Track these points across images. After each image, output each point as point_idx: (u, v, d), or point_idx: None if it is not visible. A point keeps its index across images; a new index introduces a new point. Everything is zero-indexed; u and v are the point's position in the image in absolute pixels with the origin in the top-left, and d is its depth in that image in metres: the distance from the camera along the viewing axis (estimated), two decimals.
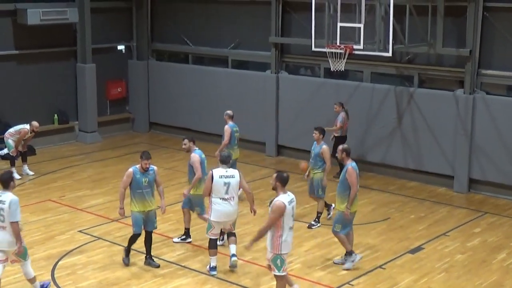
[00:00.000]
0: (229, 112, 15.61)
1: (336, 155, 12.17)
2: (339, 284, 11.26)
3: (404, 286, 11.22)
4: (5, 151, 18.76)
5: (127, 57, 22.42)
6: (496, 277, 11.62)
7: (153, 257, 11.96)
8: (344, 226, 11.74)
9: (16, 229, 9.93)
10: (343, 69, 15.92)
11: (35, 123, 17.34)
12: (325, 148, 13.82)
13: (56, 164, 18.36)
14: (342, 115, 16.96)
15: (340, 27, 15.45)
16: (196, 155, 12.56)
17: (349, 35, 15.60)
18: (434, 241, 13.21)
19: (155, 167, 11.74)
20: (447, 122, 16.28)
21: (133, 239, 11.88)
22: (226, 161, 11.51)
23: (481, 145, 15.95)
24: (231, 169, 11.67)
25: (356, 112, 17.65)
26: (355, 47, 15.38)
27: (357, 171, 11.85)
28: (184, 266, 11.87)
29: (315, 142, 14.12)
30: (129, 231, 13.52)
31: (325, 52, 15.90)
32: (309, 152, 17.98)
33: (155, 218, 11.91)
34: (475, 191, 16.26)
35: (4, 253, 10.16)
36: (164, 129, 22.02)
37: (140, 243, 12.88)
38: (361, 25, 15.15)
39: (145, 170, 11.56)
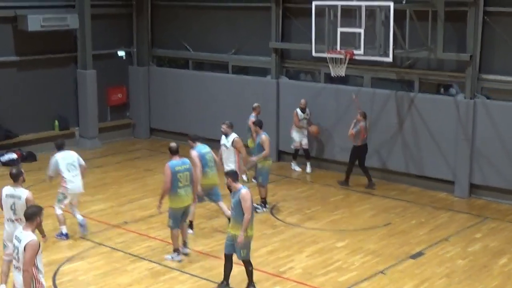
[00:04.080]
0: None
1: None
2: None
3: None
4: (7, 157, 18.80)
5: (127, 63, 22.43)
6: (497, 282, 11.60)
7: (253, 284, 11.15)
8: (174, 221, 12.14)
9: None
10: (343, 74, 15.91)
11: (302, 101, 17.87)
12: (263, 137, 14.80)
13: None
14: (361, 124, 16.53)
15: (341, 32, 15.44)
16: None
17: (350, 40, 15.59)
18: (435, 246, 13.19)
19: (243, 191, 10.64)
20: (448, 127, 16.27)
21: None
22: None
23: (482, 150, 15.94)
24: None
25: (357, 117, 17.63)
26: (355, 52, 15.37)
27: (183, 172, 12.13)
28: (185, 272, 11.85)
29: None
30: (130, 237, 13.57)
31: (326, 58, 15.90)
32: (315, 158, 18.14)
33: (240, 247, 10.76)
34: (476, 196, 16.24)
35: None
36: (165, 135, 22.01)
37: (140, 249, 12.90)
38: (362, 30, 15.14)
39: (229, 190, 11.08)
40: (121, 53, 22.14)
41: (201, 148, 13.49)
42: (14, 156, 18.89)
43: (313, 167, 18.30)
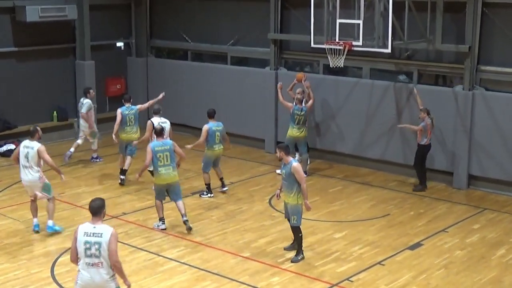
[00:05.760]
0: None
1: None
2: (338, 280, 11.27)
3: (403, 282, 11.22)
4: (5, 147, 18.81)
5: (126, 54, 22.40)
6: (495, 273, 11.63)
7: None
8: (157, 194, 13.44)
9: None
10: (342, 65, 15.91)
11: (299, 90, 17.21)
12: (204, 126, 15.62)
13: (55, 161, 18.03)
14: (427, 122, 15.71)
15: (339, 23, 15.43)
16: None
17: (348, 32, 15.59)
18: (433, 237, 13.21)
19: (294, 163, 11.64)
20: (446, 118, 16.26)
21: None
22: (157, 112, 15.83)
23: (480, 141, 15.95)
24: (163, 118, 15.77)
25: (356, 108, 17.66)
26: (354, 43, 15.37)
27: None
28: (183, 263, 11.87)
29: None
30: (129, 228, 13.59)
31: (324, 49, 15.89)
32: (314, 149, 18.14)
33: (291, 213, 11.98)
34: (475, 187, 16.26)
35: None
36: None
37: (139, 240, 12.92)
38: (360, 22, 15.13)
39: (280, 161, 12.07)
40: (119, 44, 22.12)
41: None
42: (12, 146, 18.86)
43: (312, 158, 18.28)
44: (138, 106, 17.18)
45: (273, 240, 12.83)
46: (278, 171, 15.79)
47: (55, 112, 20.60)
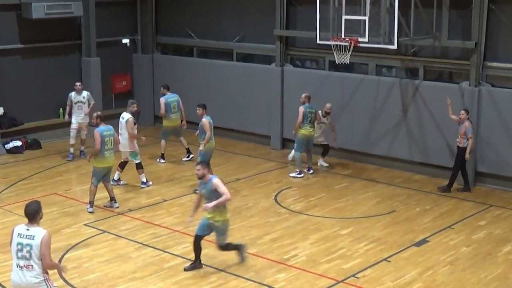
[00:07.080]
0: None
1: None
2: (344, 276, 11.27)
3: (409, 279, 11.21)
4: (12, 144, 18.84)
5: (132, 50, 22.40)
6: (501, 270, 11.60)
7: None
8: (96, 179, 14.02)
9: None
10: (348, 61, 15.89)
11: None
12: (204, 121, 15.34)
13: (62, 158, 18.38)
14: (469, 124, 15.25)
15: (345, 19, 15.42)
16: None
17: (354, 28, 15.56)
18: (439, 234, 13.19)
19: (214, 180, 10.92)
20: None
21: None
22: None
23: (486, 138, 15.91)
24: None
25: (361, 105, 17.63)
26: (360, 39, 15.36)
27: None
28: (189, 259, 11.87)
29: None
30: (135, 224, 13.61)
31: (330, 45, 15.87)
32: (316, 146, 18.10)
33: (224, 233, 11.40)
34: (481, 184, 16.23)
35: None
36: None
37: (144, 236, 12.93)
38: (366, 18, 15.12)
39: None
40: (125, 40, 22.13)
41: None
42: (19, 143, 18.91)
43: (317, 154, 18.26)
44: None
45: (279, 237, 12.83)
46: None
47: (61, 109, 20.61)
